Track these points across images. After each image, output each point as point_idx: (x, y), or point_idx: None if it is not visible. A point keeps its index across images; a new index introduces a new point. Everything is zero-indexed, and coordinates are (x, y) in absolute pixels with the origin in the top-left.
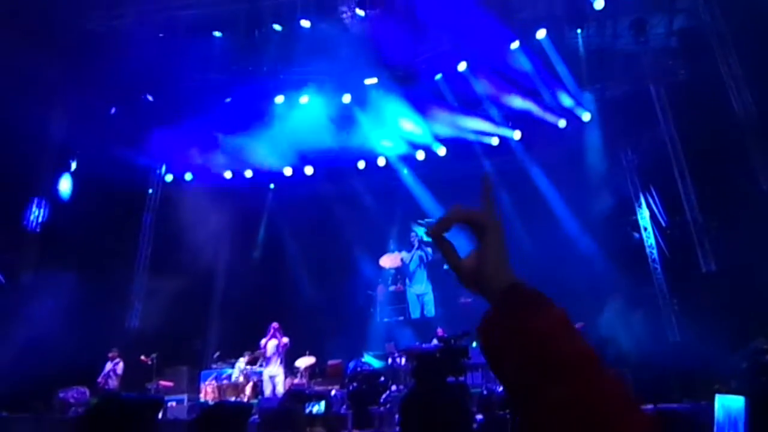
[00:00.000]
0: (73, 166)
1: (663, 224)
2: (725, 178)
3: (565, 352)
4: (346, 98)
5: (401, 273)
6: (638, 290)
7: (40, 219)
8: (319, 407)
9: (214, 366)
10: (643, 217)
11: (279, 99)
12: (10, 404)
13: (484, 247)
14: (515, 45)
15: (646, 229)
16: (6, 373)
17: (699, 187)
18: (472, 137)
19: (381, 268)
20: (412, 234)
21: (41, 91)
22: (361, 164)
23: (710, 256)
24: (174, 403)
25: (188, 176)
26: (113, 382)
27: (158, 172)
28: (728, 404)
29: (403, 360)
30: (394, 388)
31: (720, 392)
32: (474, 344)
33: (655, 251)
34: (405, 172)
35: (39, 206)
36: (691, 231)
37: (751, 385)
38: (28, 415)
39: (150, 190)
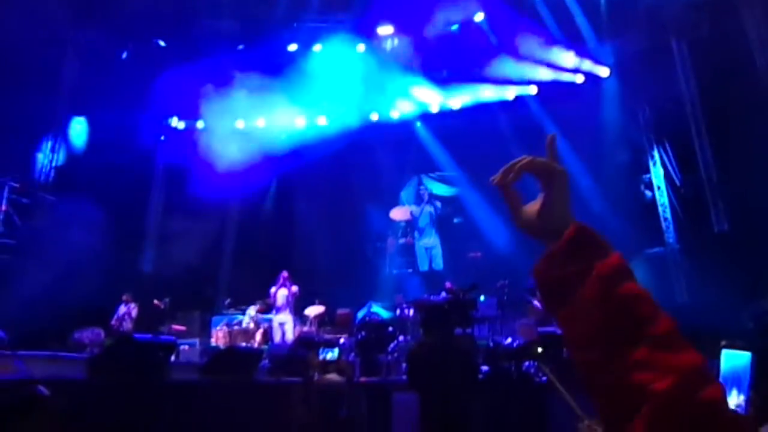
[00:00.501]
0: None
1: (677, 183)
2: (743, 136)
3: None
4: (361, 48)
5: (411, 226)
6: (649, 249)
7: (54, 162)
8: (332, 354)
9: (225, 312)
10: (657, 175)
11: (292, 47)
12: (26, 344)
13: (552, 192)
14: None
15: (659, 187)
16: (23, 313)
17: (715, 145)
18: (487, 91)
19: (391, 221)
20: (422, 187)
21: (53, 32)
22: (374, 116)
23: (723, 215)
24: (186, 347)
25: (200, 124)
26: (127, 325)
27: (170, 119)
28: (734, 360)
29: (412, 311)
30: (401, 338)
31: (726, 348)
32: (482, 297)
33: (667, 210)
34: (418, 125)
35: (53, 150)
36: (705, 190)
37: (758, 343)
38: (45, 353)
39: (162, 137)
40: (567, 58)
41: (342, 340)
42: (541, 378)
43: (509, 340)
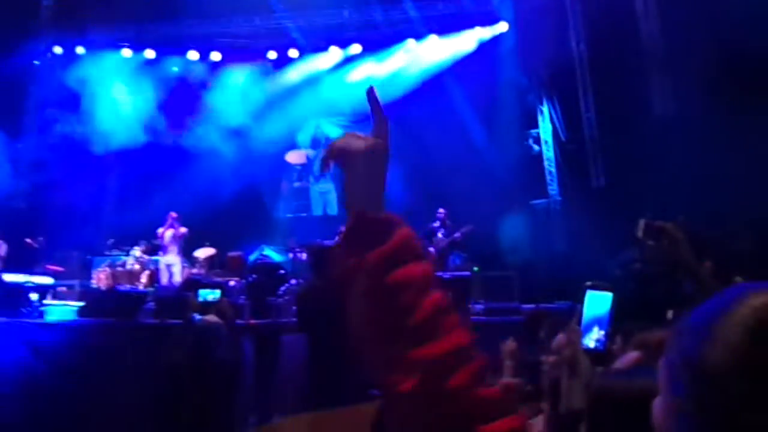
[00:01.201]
0: None
1: (562, 138)
2: (624, 99)
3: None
4: None
5: (306, 169)
6: (534, 200)
7: None
8: (214, 295)
9: (108, 253)
10: (546, 130)
11: None
12: None
13: (348, 175)
14: None
15: (546, 142)
16: None
17: (599, 105)
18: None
19: (286, 164)
20: (320, 131)
21: None
22: (272, 54)
23: (601, 171)
24: (64, 288)
25: (80, 50)
26: None
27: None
28: (596, 299)
29: (304, 255)
30: (293, 281)
31: (591, 288)
32: None
33: (552, 164)
34: (317, 67)
35: None
36: (587, 147)
37: (622, 288)
38: None
39: (36, 62)
40: (467, 9)
41: (232, 283)
42: None
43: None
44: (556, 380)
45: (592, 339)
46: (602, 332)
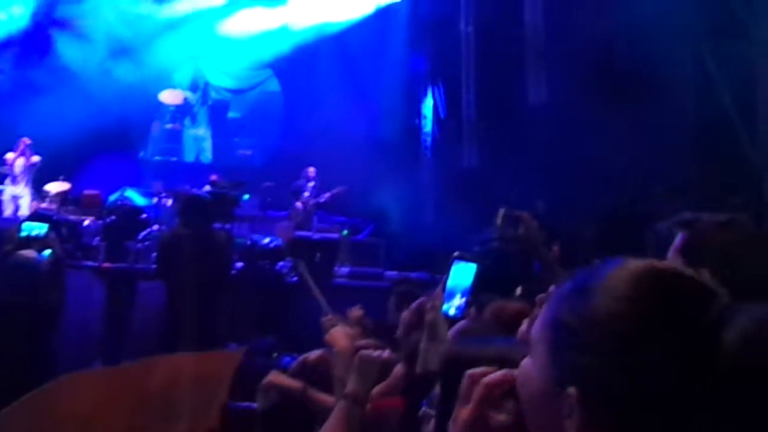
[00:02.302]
0: None
1: (441, 116)
2: (503, 85)
3: None
4: None
5: (181, 111)
6: (408, 171)
7: None
8: (40, 229)
9: None
10: (427, 106)
11: None
12: None
13: None
14: None
15: (425, 117)
16: None
17: (480, 88)
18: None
19: (159, 103)
20: (199, 74)
21: None
22: None
23: (474, 153)
24: None
25: None
26: None
27: None
28: (462, 269)
29: (170, 201)
30: (156, 227)
31: (458, 259)
32: (246, 196)
33: (429, 139)
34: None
35: None
36: (464, 127)
37: (478, 264)
38: None
39: None
40: None
41: (86, 222)
42: (291, 278)
43: (267, 240)
44: (413, 343)
45: (453, 306)
46: (463, 300)
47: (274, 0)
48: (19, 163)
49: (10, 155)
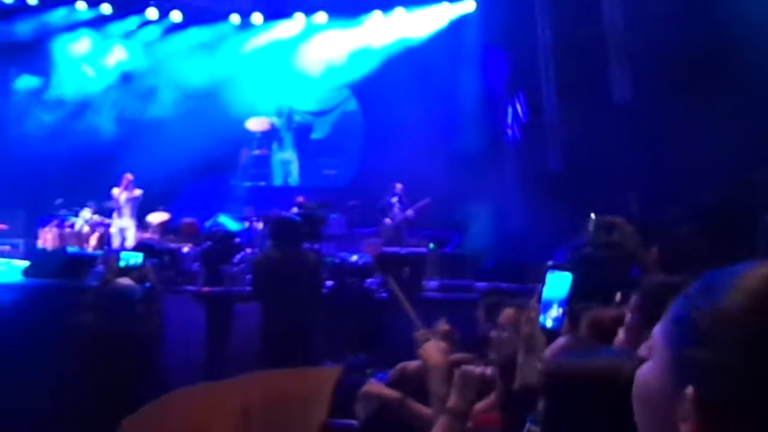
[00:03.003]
0: None
1: (523, 121)
2: (585, 85)
3: None
4: None
5: (267, 137)
6: (492, 179)
7: None
8: (136, 258)
9: (56, 213)
10: (509, 113)
11: None
12: None
13: None
14: None
15: (507, 124)
16: None
17: (561, 89)
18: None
19: (247, 131)
20: (283, 99)
21: None
22: (235, 18)
23: (559, 156)
24: (8, 247)
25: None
26: None
27: None
28: (557, 279)
29: (261, 224)
30: (249, 250)
31: (552, 269)
32: (333, 215)
33: (512, 146)
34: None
35: None
36: (547, 131)
37: (571, 272)
38: None
39: None
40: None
41: (186, 249)
42: (381, 294)
43: (355, 257)
44: (509, 357)
45: (550, 318)
46: (560, 310)
47: (349, 22)
48: (124, 197)
49: (115, 190)
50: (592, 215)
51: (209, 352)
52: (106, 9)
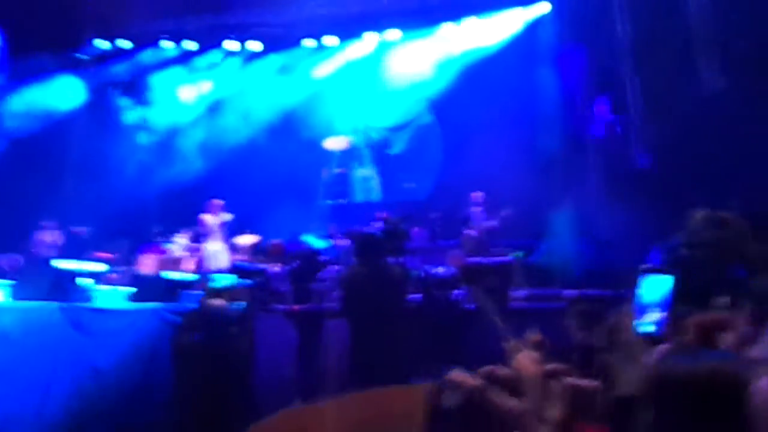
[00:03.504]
0: None
1: (606, 122)
2: (670, 79)
3: None
4: None
5: (346, 155)
6: (576, 182)
7: None
8: (227, 280)
9: (154, 240)
10: (588, 113)
11: None
12: None
13: None
14: None
15: (589, 124)
16: None
17: (645, 87)
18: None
19: (326, 150)
20: (358, 117)
21: None
22: (309, 42)
23: (647, 153)
24: (114, 275)
25: (124, 43)
26: (48, 252)
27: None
28: (654, 283)
29: (345, 241)
30: (334, 267)
31: (647, 272)
32: (416, 228)
33: (595, 147)
34: (355, 55)
35: None
36: (632, 130)
37: (672, 276)
38: None
39: (82, 56)
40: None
41: (275, 269)
42: (469, 305)
43: (440, 269)
44: (607, 364)
45: (647, 323)
46: (658, 315)
47: (421, 36)
48: (213, 222)
49: (205, 216)
50: (697, 211)
51: (301, 369)
52: (190, 45)
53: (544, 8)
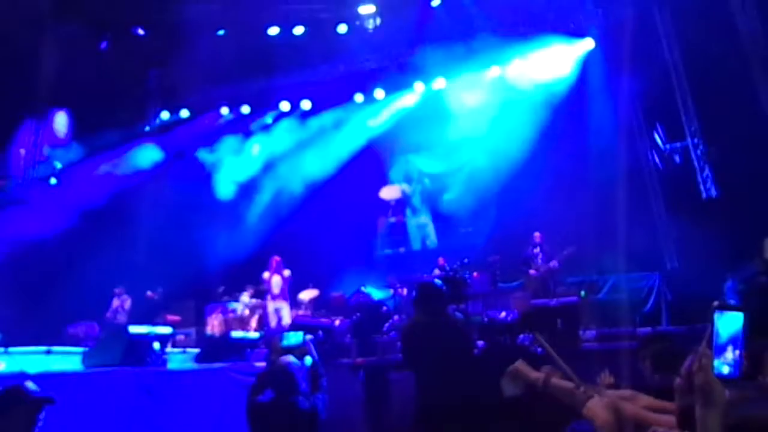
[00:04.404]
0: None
1: (664, 151)
2: (728, 103)
3: None
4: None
5: (400, 204)
6: (639, 215)
7: (36, 155)
8: (296, 338)
9: (219, 300)
10: (645, 144)
11: (273, 30)
12: (22, 339)
13: None
14: None
15: (647, 156)
16: (17, 310)
17: (702, 112)
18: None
19: (381, 200)
20: (411, 165)
21: (29, 23)
22: (359, 97)
23: (711, 182)
24: (182, 336)
25: (184, 113)
26: (121, 317)
27: (154, 109)
28: (726, 320)
29: (405, 290)
30: (396, 317)
31: (719, 309)
32: (474, 273)
33: (655, 178)
34: (403, 104)
35: (35, 144)
36: (692, 157)
37: (747, 305)
38: (40, 348)
39: (147, 128)
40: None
41: (337, 323)
42: (536, 349)
43: (503, 314)
44: (687, 407)
45: (724, 363)
46: (736, 353)
47: (471, 77)
48: (275, 280)
49: (266, 274)
50: None
51: (368, 423)
52: (245, 110)
53: (588, 45)
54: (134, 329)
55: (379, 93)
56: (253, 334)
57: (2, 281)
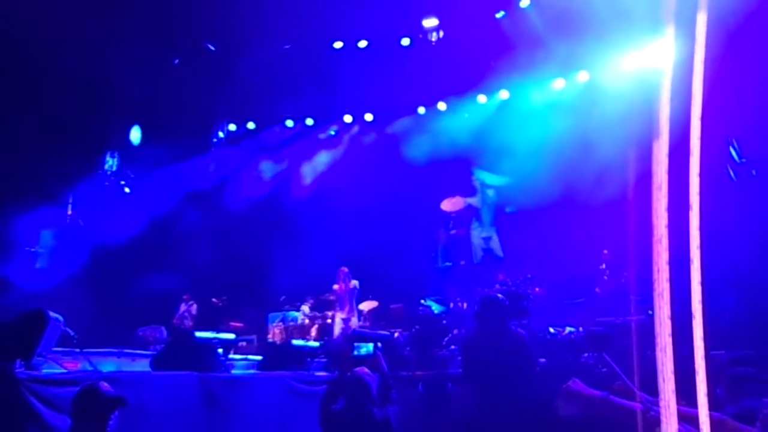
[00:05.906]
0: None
1: (740, 164)
2: None
3: None
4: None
5: (461, 217)
6: (714, 233)
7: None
8: (367, 348)
9: (280, 309)
10: (720, 160)
11: (338, 45)
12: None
13: None
14: None
15: (724, 170)
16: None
17: None
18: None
19: (442, 212)
20: (474, 177)
21: (100, 41)
22: (421, 109)
23: None
24: (244, 343)
25: (251, 125)
26: (188, 323)
27: (222, 121)
28: None
29: (465, 304)
30: (456, 331)
31: None
32: (537, 288)
33: (733, 194)
34: (466, 116)
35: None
36: None
37: None
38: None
39: (215, 139)
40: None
41: (396, 335)
42: (600, 369)
43: (568, 330)
44: None
45: None
46: None
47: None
48: (343, 290)
49: (336, 286)
50: None
51: None
52: (309, 122)
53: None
54: (200, 334)
55: (441, 105)
56: (313, 343)
57: (80, 285)
